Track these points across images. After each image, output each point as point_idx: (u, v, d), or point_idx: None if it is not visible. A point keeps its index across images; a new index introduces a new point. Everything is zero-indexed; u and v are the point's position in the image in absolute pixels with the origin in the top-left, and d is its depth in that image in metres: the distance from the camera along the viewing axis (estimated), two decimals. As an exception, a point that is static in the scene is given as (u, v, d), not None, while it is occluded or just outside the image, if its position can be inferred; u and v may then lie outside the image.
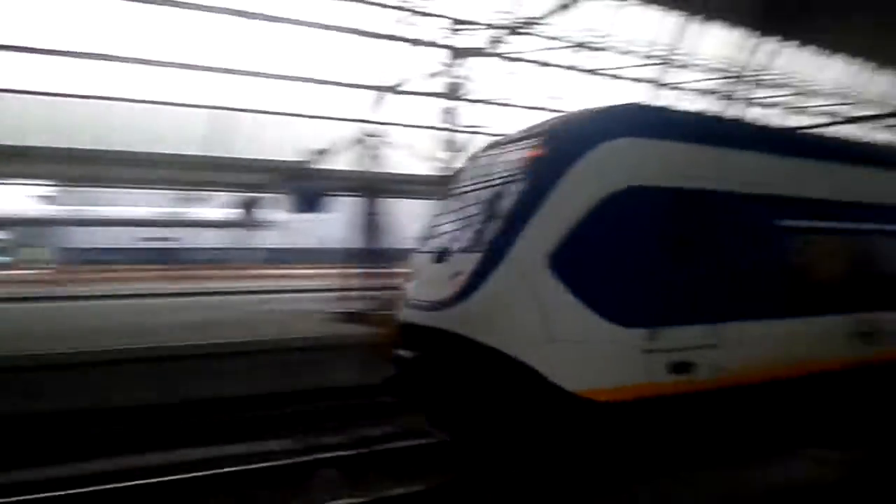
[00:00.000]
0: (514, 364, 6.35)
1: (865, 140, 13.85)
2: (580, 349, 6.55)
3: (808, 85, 26.34)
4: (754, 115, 25.29)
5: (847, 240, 8.93)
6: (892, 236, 9.43)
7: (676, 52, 22.26)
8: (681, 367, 6.92)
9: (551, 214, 6.67)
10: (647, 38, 21.89)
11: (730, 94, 24.46)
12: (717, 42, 23.35)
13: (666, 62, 22.41)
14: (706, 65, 23.39)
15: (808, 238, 8.41)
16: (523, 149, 7.45)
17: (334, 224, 20.97)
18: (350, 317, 15.16)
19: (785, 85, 25.80)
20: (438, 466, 8.43)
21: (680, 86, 23.35)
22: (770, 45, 23.67)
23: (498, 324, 6.52)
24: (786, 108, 26.39)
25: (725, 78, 24.00)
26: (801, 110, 26.82)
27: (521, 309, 6.49)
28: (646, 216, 6.97)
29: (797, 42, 24.20)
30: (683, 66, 22.99)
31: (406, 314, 7.89)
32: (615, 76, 21.76)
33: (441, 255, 7.48)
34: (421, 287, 7.80)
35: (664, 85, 22.77)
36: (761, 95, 25.44)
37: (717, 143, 7.94)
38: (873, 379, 8.61)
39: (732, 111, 24.80)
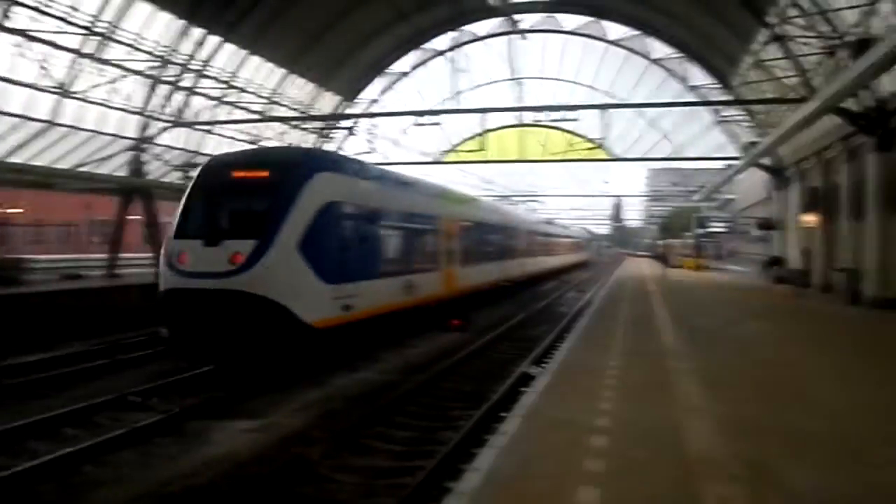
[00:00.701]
0: (279, 307, 10.71)
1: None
2: (310, 297, 11.34)
3: (235, 80, 27.88)
4: (182, 102, 25.70)
5: (412, 234, 16.36)
6: (424, 234, 17.42)
7: (102, 23, 20.96)
8: (346, 307, 12.20)
9: (296, 217, 11.25)
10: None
11: (160, 78, 24.27)
12: (151, 23, 22.89)
13: (92, 34, 20.92)
14: (137, 44, 22.71)
15: (400, 232, 15.56)
16: (265, 173, 11.95)
17: None
18: None
19: (215, 78, 26.82)
20: None
21: (113, 62, 22.13)
22: (197, 34, 24.20)
23: (271, 283, 10.73)
24: (216, 100, 27.42)
25: (155, 60, 23.71)
26: (233, 104, 28.28)
27: (284, 274, 10.95)
28: (337, 220, 12.21)
29: (220, 37, 25.31)
30: (116, 42, 21.84)
31: (176, 282, 11.30)
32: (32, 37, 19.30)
33: (210, 242, 11.11)
34: (191, 263, 11.21)
35: (91, 57, 21.24)
36: (199, 86, 25.98)
37: (370, 179, 14.44)
38: (416, 309, 16.21)
39: (160, 95, 24.69)
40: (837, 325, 15.76)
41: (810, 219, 25.86)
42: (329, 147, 37.03)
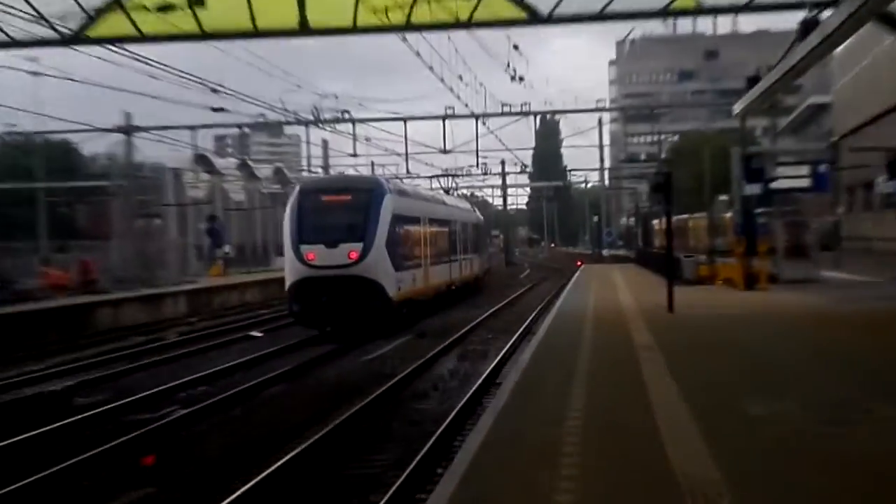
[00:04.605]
0: (375, 283, 23.15)
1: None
2: (393, 275, 24.13)
3: None
4: None
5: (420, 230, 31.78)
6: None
7: None
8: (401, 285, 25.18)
9: (381, 224, 23.55)
10: None
11: None
12: None
13: None
14: None
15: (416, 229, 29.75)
16: (355, 193, 24.62)
17: None
18: None
19: None
20: None
21: None
22: None
23: (370, 265, 22.93)
24: None
25: None
26: None
27: (378, 258, 23.09)
28: (398, 225, 25.32)
29: None
30: None
31: (309, 272, 22.49)
32: None
33: (332, 243, 22.51)
34: (320, 259, 22.44)
35: None
36: None
37: (413, 197, 30.44)
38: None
39: None
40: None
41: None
42: None
